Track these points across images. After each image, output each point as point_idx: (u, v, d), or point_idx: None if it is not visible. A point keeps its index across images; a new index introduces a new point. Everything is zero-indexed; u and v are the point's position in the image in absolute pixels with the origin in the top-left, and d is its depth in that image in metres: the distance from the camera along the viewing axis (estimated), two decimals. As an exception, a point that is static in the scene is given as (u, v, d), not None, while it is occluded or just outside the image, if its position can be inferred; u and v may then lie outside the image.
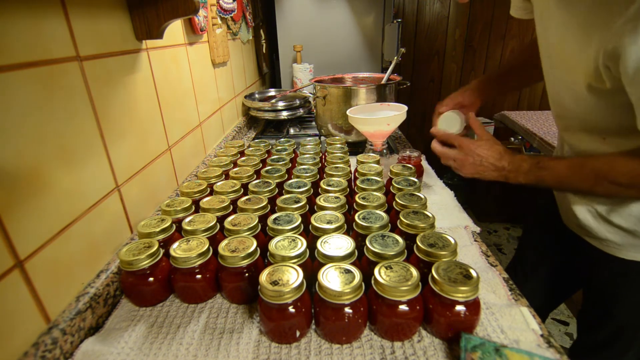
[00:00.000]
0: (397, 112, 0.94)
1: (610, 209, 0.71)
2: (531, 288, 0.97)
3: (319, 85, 1.20)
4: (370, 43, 1.85)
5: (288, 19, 1.80)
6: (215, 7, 1.11)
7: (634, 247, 0.71)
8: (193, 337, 0.49)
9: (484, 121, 2.37)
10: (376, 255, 0.51)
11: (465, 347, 0.43)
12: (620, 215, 0.70)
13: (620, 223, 0.70)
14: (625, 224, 0.70)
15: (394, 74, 1.24)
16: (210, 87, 1.12)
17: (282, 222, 0.59)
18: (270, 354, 0.47)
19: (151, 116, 0.75)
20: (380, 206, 0.65)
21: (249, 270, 0.54)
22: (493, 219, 2.56)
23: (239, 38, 1.45)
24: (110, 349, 0.47)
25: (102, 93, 0.59)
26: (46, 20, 0.48)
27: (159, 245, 0.56)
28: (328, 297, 0.45)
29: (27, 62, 0.45)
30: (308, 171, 0.79)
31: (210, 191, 0.74)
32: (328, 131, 1.25)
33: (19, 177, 0.43)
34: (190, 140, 0.95)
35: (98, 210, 0.57)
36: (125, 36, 0.67)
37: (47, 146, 0.48)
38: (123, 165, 0.64)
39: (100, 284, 0.54)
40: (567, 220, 0.84)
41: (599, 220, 0.73)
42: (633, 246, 0.71)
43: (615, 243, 0.73)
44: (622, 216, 0.69)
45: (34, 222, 0.45)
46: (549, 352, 0.45)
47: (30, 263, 0.44)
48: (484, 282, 0.57)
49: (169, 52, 0.84)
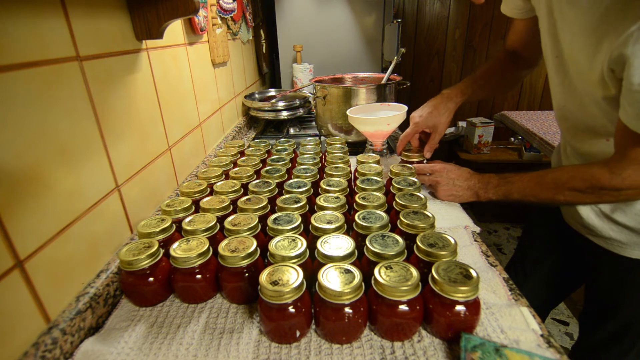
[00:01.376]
0: (397, 112, 0.94)
1: (615, 207, 0.71)
2: (531, 287, 0.97)
3: (319, 85, 1.20)
4: (370, 43, 1.85)
5: (288, 19, 1.80)
6: (215, 7, 1.11)
7: (638, 246, 0.71)
8: (193, 337, 0.49)
9: (483, 121, 2.37)
10: (376, 255, 0.51)
11: (465, 347, 0.43)
12: (625, 213, 0.70)
13: (625, 222, 0.71)
14: (630, 223, 0.70)
15: (394, 74, 1.24)
16: (210, 87, 1.12)
17: (282, 222, 0.59)
18: (270, 354, 0.47)
19: (151, 116, 0.75)
20: (380, 206, 0.65)
21: (249, 270, 0.54)
22: (493, 219, 2.56)
23: (239, 38, 1.45)
24: (110, 349, 0.47)
25: (102, 93, 0.59)
26: (46, 20, 0.48)
27: (159, 245, 0.56)
28: (328, 297, 0.45)
29: (27, 62, 0.45)
30: (308, 171, 0.79)
31: (210, 191, 0.74)
32: (328, 131, 1.25)
33: (19, 177, 0.43)
34: (190, 140, 0.95)
35: (98, 210, 0.57)
36: (125, 36, 0.67)
37: (47, 146, 0.48)
38: (123, 165, 0.64)
39: (100, 284, 0.54)
40: (569, 219, 0.84)
41: (603, 219, 0.74)
42: (638, 245, 0.71)
43: (619, 242, 0.73)
44: (627, 215, 0.70)
45: (34, 222, 0.45)
46: (549, 352, 0.45)
47: (30, 263, 0.44)
48: (484, 282, 0.57)
49: (169, 52, 0.84)
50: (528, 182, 0.70)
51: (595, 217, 0.75)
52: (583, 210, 0.77)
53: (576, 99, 0.69)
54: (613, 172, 0.59)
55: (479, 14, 2.45)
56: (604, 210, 0.73)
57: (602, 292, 0.82)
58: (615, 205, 0.71)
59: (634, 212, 0.69)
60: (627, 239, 0.72)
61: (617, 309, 0.78)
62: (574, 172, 0.64)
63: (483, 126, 2.36)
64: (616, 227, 0.72)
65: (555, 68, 0.72)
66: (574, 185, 0.63)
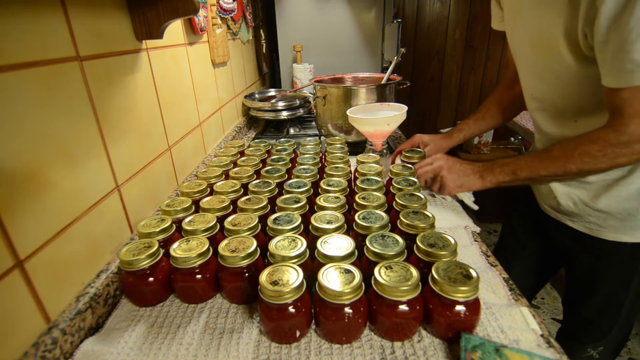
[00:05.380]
0: (397, 112, 0.94)
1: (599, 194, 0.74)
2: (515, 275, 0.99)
3: (319, 85, 1.20)
4: (370, 43, 1.85)
5: (288, 19, 1.80)
6: (215, 7, 1.11)
7: (614, 229, 0.74)
8: (193, 337, 0.49)
9: (483, 121, 2.37)
10: (376, 255, 0.51)
11: (465, 347, 0.43)
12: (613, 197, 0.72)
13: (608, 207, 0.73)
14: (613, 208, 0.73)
15: (394, 74, 1.24)
16: (210, 87, 1.12)
17: (282, 222, 0.59)
18: (270, 354, 0.47)
19: (151, 116, 0.75)
20: (380, 206, 0.65)
21: (249, 270, 0.54)
22: (493, 219, 2.56)
23: (239, 38, 1.45)
24: (110, 349, 0.47)
25: (102, 93, 0.59)
26: (46, 20, 0.48)
27: (159, 245, 0.56)
28: (328, 297, 0.45)
29: (27, 62, 0.45)
30: (308, 171, 0.79)
31: (210, 191, 0.74)
32: (328, 131, 1.25)
33: (19, 177, 0.43)
34: (190, 140, 0.95)
35: (98, 210, 0.57)
36: (126, 36, 0.67)
37: (47, 146, 0.48)
38: (123, 165, 0.64)
39: (100, 284, 0.54)
40: (547, 207, 0.86)
41: (582, 207, 0.77)
42: (615, 228, 0.74)
43: (598, 225, 0.76)
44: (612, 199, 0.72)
45: (34, 222, 0.45)
46: (549, 352, 0.45)
47: (30, 263, 0.44)
48: (484, 282, 0.57)
49: (169, 52, 0.84)
50: (535, 157, 0.69)
51: (573, 205, 0.77)
52: (561, 198, 0.79)
53: (544, 80, 0.73)
54: (617, 130, 0.60)
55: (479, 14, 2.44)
56: (582, 199, 0.76)
57: (581, 272, 0.85)
58: (598, 192, 0.73)
59: (623, 197, 0.71)
60: (605, 223, 0.75)
61: (597, 287, 0.82)
62: (579, 139, 0.64)
63: (483, 126, 2.35)
64: (595, 213, 0.75)
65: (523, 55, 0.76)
66: (584, 150, 0.63)
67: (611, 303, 0.81)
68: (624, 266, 0.77)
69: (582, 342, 0.88)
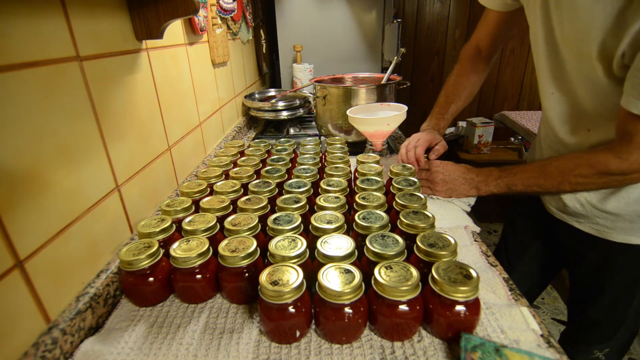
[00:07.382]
0: (397, 112, 0.94)
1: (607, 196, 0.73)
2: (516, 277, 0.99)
3: (319, 85, 1.20)
4: (370, 43, 1.86)
5: (288, 19, 1.80)
6: (215, 7, 1.11)
7: (623, 230, 0.73)
8: (193, 337, 0.49)
9: (483, 121, 2.37)
10: (376, 255, 0.51)
11: (465, 347, 0.43)
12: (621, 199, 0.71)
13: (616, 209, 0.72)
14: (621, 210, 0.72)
15: (394, 74, 1.24)
16: (210, 87, 1.12)
17: (282, 222, 0.59)
18: (270, 354, 0.47)
19: (151, 116, 0.75)
20: (380, 206, 0.65)
21: (249, 270, 0.54)
22: (493, 219, 2.56)
23: (239, 38, 1.45)
24: (110, 349, 0.47)
25: (102, 93, 0.59)
26: (46, 20, 0.48)
27: (159, 245, 0.56)
28: (328, 297, 0.45)
29: (27, 62, 0.45)
30: (308, 171, 0.79)
31: (210, 191, 0.74)
32: (328, 131, 1.25)
33: (19, 176, 0.43)
34: (190, 140, 0.95)
35: (98, 210, 0.57)
36: (125, 36, 0.67)
37: (47, 146, 0.48)
38: (123, 165, 0.64)
39: (100, 284, 0.54)
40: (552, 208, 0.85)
41: (590, 208, 0.75)
42: (623, 229, 0.73)
43: (606, 227, 0.75)
44: (620, 201, 0.71)
45: (34, 222, 0.45)
46: (549, 352, 0.45)
47: (30, 263, 0.44)
48: (484, 282, 0.57)
49: (169, 52, 0.84)
50: (531, 172, 0.70)
51: (580, 206, 0.76)
52: (568, 199, 0.78)
53: (566, 83, 0.71)
54: (620, 157, 0.60)
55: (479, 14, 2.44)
56: (590, 201, 0.74)
57: (588, 274, 0.84)
58: (606, 194, 0.72)
59: (632, 199, 0.70)
60: (614, 225, 0.74)
61: (604, 289, 0.81)
62: (579, 159, 0.65)
63: (483, 126, 2.36)
64: (603, 214, 0.74)
65: (547, 54, 0.73)
66: (581, 172, 0.64)
67: (618, 304, 0.80)
68: (632, 267, 0.76)
69: (588, 344, 0.86)
